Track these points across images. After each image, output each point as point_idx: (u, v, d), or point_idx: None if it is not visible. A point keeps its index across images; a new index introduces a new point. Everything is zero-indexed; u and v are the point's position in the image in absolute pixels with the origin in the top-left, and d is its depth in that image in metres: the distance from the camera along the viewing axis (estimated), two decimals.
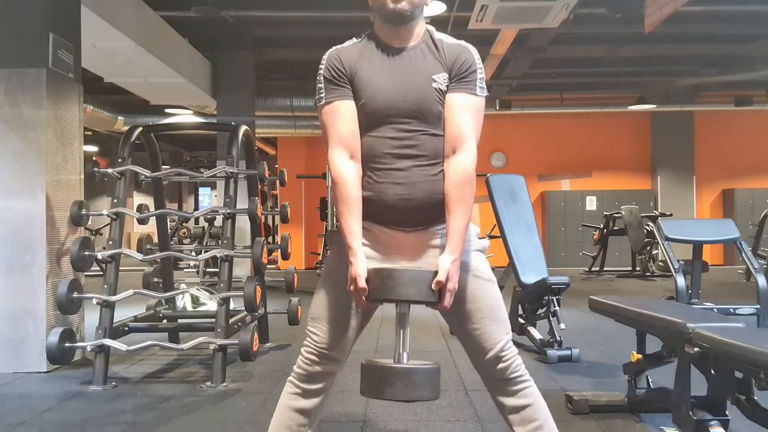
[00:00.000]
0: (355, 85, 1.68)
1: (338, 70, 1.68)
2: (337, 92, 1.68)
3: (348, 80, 1.68)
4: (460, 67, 1.68)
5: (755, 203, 11.50)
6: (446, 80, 1.68)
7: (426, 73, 1.68)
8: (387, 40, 1.72)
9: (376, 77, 1.68)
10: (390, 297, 1.54)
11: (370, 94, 1.67)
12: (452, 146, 1.66)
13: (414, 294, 1.54)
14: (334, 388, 1.81)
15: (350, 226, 1.63)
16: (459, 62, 1.68)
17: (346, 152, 1.66)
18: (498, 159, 12.18)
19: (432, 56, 1.70)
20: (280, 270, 10.58)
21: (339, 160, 1.66)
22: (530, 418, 1.69)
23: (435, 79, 1.67)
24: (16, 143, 3.94)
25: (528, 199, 4.47)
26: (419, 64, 1.69)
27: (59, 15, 4.17)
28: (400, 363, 1.53)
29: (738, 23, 7.45)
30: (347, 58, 1.70)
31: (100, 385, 3.52)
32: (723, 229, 4.68)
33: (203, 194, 19.73)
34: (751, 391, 2.09)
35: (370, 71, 1.68)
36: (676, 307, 3.26)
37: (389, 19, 1.68)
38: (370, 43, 1.73)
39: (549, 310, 4.03)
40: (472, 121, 1.68)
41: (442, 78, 1.67)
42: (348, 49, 1.73)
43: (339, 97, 1.68)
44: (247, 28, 7.84)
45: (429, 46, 1.71)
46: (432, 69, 1.68)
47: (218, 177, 4.25)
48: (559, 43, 7.91)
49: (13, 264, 3.90)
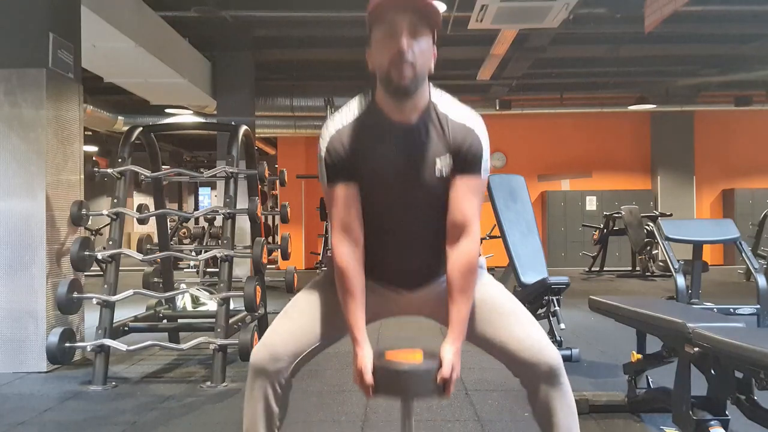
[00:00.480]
0: (357, 167, 1.63)
1: (340, 156, 1.62)
2: (340, 177, 1.63)
3: (350, 164, 1.63)
4: (466, 152, 1.61)
5: (755, 203, 11.50)
6: (450, 163, 1.63)
7: (430, 157, 1.62)
8: (389, 113, 1.62)
9: (379, 160, 1.63)
10: (395, 394, 1.57)
11: (372, 177, 1.64)
12: (456, 231, 1.64)
13: (419, 391, 1.57)
14: (334, 387, 1.81)
15: (355, 318, 1.62)
16: (465, 147, 1.61)
17: (348, 238, 1.64)
18: (498, 159, 12.19)
19: (436, 137, 1.62)
20: (280, 270, 10.57)
21: (341, 248, 1.64)
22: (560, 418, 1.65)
23: (439, 163, 1.62)
24: (16, 143, 3.94)
25: (528, 199, 4.47)
26: (423, 146, 1.62)
27: (59, 15, 4.17)
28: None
29: (738, 23, 7.45)
30: (348, 142, 1.62)
31: (100, 385, 3.52)
32: (723, 229, 4.68)
33: (203, 194, 19.72)
34: (751, 391, 2.09)
35: (372, 154, 1.63)
36: (676, 307, 3.26)
37: (392, 93, 1.58)
38: (371, 117, 1.64)
39: (549, 310, 4.03)
40: (476, 204, 1.66)
41: (446, 162, 1.62)
42: (348, 131, 1.63)
43: (341, 181, 1.63)
44: (247, 28, 7.84)
45: (434, 124, 1.62)
46: (436, 152, 1.62)
47: (218, 177, 4.26)
48: (559, 43, 7.91)
49: (13, 264, 3.90)
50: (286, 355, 1.66)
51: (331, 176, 1.64)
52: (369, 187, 1.65)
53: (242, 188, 4.48)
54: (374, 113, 1.64)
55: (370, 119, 1.64)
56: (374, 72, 1.61)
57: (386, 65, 1.54)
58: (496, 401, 3.17)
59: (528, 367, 1.63)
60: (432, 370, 1.55)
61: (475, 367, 3.72)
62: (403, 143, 1.62)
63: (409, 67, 1.52)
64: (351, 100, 1.69)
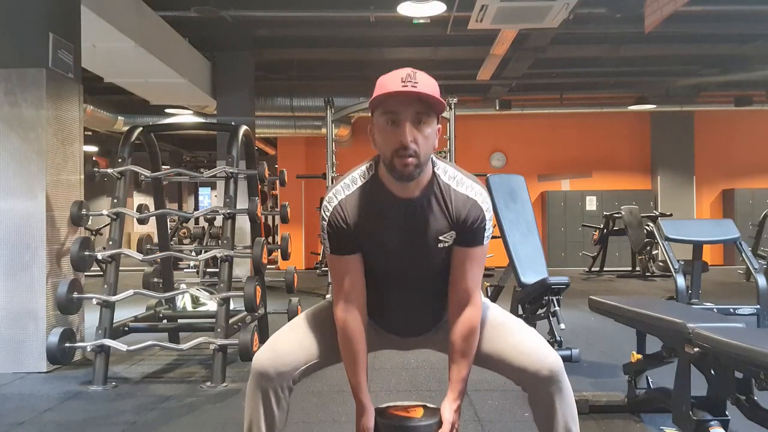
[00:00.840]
0: (360, 240, 1.65)
1: (343, 228, 1.63)
2: (343, 248, 1.65)
3: (353, 236, 1.64)
4: (470, 225, 1.63)
5: (755, 203, 11.50)
6: (453, 237, 1.64)
7: (433, 232, 1.63)
8: (392, 189, 1.62)
9: (382, 235, 1.64)
10: None
11: (375, 251, 1.66)
12: (459, 300, 1.67)
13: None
14: (334, 387, 1.82)
15: (358, 381, 1.68)
16: (469, 221, 1.63)
17: (352, 306, 1.66)
18: (498, 159, 12.19)
19: (440, 212, 1.63)
20: (280, 270, 10.58)
21: (344, 315, 1.67)
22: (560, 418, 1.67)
23: (442, 239, 1.64)
24: (16, 143, 3.94)
25: (528, 199, 4.46)
26: (426, 221, 1.63)
27: (59, 15, 4.17)
28: None
29: (738, 23, 7.45)
30: (351, 214, 1.63)
31: (100, 385, 3.52)
32: (723, 229, 4.68)
33: (203, 194, 19.70)
34: (751, 391, 2.09)
35: (375, 228, 1.63)
36: (676, 307, 3.26)
37: (396, 178, 1.58)
38: (375, 193, 1.63)
39: (549, 310, 4.03)
40: (478, 272, 1.69)
41: (449, 236, 1.64)
42: (351, 203, 1.63)
43: (344, 251, 1.65)
44: (247, 28, 7.84)
45: (437, 199, 1.63)
46: (439, 227, 1.63)
47: (218, 177, 4.26)
48: (559, 43, 7.90)
49: (13, 264, 3.90)
50: (291, 362, 1.69)
51: (333, 248, 1.66)
52: (371, 257, 1.68)
53: (242, 188, 4.48)
54: (377, 187, 1.64)
55: (373, 193, 1.64)
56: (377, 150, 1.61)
57: (389, 155, 1.54)
58: (496, 401, 3.17)
59: (529, 374, 1.64)
60: (432, 428, 1.61)
61: (475, 367, 3.71)
62: (405, 218, 1.63)
63: (413, 158, 1.52)
64: (355, 171, 1.68)
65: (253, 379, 1.68)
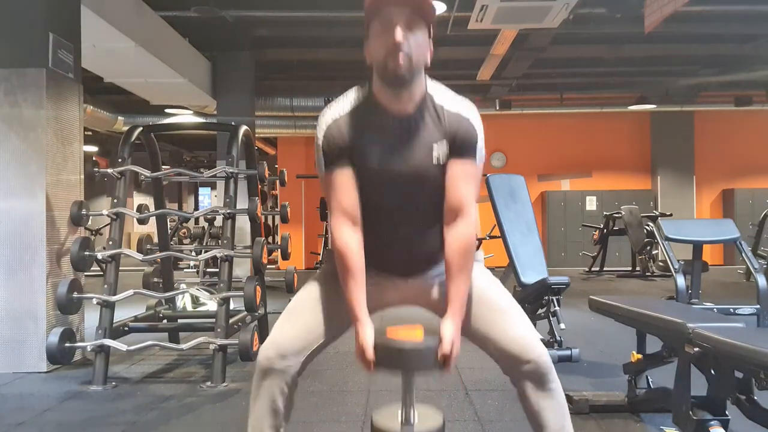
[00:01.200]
0: (354, 155, 1.66)
1: (337, 143, 1.66)
2: (337, 163, 1.67)
3: (347, 151, 1.66)
4: (462, 138, 1.66)
5: (755, 203, 11.50)
6: (446, 150, 1.66)
7: (426, 145, 1.65)
8: (386, 104, 1.66)
9: (376, 149, 1.66)
10: (396, 369, 1.60)
11: (370, 165, 1.66)
12: (453, 215, 1.67)
13: (420, 366, 1.60)
14: (334, 387, 1.81)
15: (356, 297, 1.65)
16: (461, 134, 1.66)
17: (348, 221, 1.67)
18: (498, 159, 12.19)
19: (433, 126, 1.66)
20: (280, 270, 10.58)
21: (341, 230, 1.66)
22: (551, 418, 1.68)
23: (435, 150, 1.66)
24: (16, 143, 3.94)
25: (528, 199, 4.46)
26: (419, 135, 1.66)
27: (59, 15, 4.17)
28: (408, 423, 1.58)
29: (738, 23, 7.45)
30: (346, 130, 1.66)
31: (100, 385, 3.52)
32: (723, 229, 4.68)
33: (203, 194, 19.70)
34: (751, 391, 2.09)
35: (369, 143, 1.66)
36: (676, 307, 3.26)
37: (389, 83, 1.63)
38: (369, 108, 1.68)
39: (549, 310, 4.03)
40: (472, 189, 1.69)
41: (442, 149, 1.66)
42: (346, 120, 1.67)
43: (339, 167, 1.67)
44: (247, 28, 7.84)
45: (430, 114, 1.67)
46: (432, 139, 1.66)
47: (218, 177, 4.25)
48: (559, 43, 7.90)
49: (13, 264, 3.90)
50: (294, 353, 1.67)
51: (328, 162, 1.67)
52: (366, 174, 1.67)
53: (242, 188, 4.48)
54: (371, 104, 1.68)
55: (367, 109, 1.68)
56: (371, 65, 1.66)
57: (383, 56, 1.59)
58: (496, 401, 3.17)
59: (514, 362, 1.66)
60: (432, 347, 1.58)
61: (475, 367, 3.71)
62: (400, 131, 1.66)
63: (405, 57, 1.57)
64: (347, 92, 1.74)
65: (257, 375, 1.68)
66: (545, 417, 1.67)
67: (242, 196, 4.29)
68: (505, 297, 1.78)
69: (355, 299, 1.64)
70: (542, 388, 1.66)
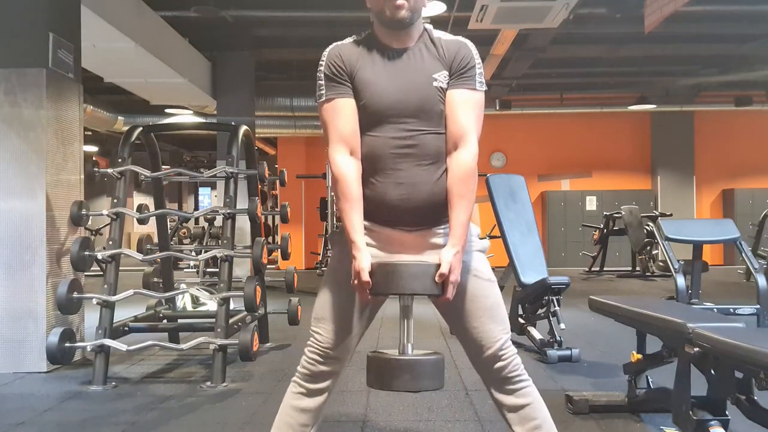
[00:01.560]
0: (355, 85, 1.68)
1: (339, 67, 1.69)
2: (338, 89, 1.69)
3: (348, 78, 1.69)
4: (459, 63, 1.69)
5: (755, 203, 11.50)
6: (446, 78, 1.68)
7: (426, 73, 1.68)
8: (386, 42, 1.72)
9: (377, 78, 1.68)
10: (394, 291, 1.57)
11: (370, 94, 1.67)
12: (454, 142, 1.68)
13: (417, 287, 1.57)
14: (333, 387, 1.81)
15: (353, 222, 1.64)
16: (458, 58, 1.69)
17: (346, 149, 1.67)
18: (498, 159, 12.18)
19: (431, 55, 1.70)
20: (280, 270, 10.58)
21: (339, 157, 1.66)
22: (528, 417, 1.69)
23: (435, 77, 1.68)
24: (16, 143, 3.94)
25: (528, 199, 4.47)
26: (419, 64, 1.69)
27: (59, 15, 4.17)
28: (405, 354, 1.57)
29: (738, 23, 7.45)
30: (348, 57, 1.70)
31: (100, 385, 3.52)
32: (723, 229, 4.68)
33: (203, 194, 19.71)
34: (751, 391, 2.09)
35: (370, 72, 1.69)
36: (676, 307, 3.26)
37: (388, 25, 1.69)
38: (370, 44, 1.73)
39: (549, 310, 4.03)
40: (473, 116, 1.69)
41: (442, 76, 1.68)
42: (348, 47, 1.73)
43: (340, 94, 1.69)
44: (247, 28, 7.84)
45: (428, 45, 1.71)
46: (432, 68, 1.68)
47: (218, 177, 4.25)
48: (559, 43, 7.91)
49: (13, 264, 3.90)
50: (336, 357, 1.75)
51: (329, 88, 1.70)
52: (368, 104, 1.68)
53: (242, 188, 4.48)
54: (373, 41, 1.73)
55: (369, 43, 1.73)
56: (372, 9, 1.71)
57: (382, 3, 1.65)
58: None
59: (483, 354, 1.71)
60: (430, 268, 1.58)
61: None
62: (400, 62, 1.70)
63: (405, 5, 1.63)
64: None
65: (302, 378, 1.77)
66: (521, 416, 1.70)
67: (242, 196, 4.29)
68: (498, 301, 1.78)
69: (351, 224, 1.64)
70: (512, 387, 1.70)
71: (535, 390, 1.73)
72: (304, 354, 1.77)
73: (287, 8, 6.79)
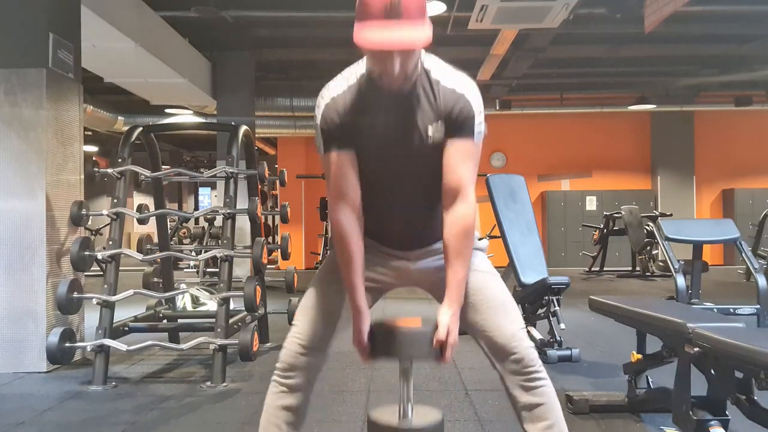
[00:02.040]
0: (351, 135, 1.65)
1: (335, 123, 1.64)
2: (335, 143, 1.65)
3: (345, 132, 1.64)
4: (457, 116, 1.62)
5: (755, 203, 11.50)
6: (442, 129, 1.63)
7: (422, 125, 1.63)
8: (382, 85, 1.63)
9: (373, 129, 1.64)
10: (393, 356, 1.57)
11: (367, 146, 1.66)
12: (452, 196, 1.64)
13: (416, 353, 1.57)
14: (334, 387, 1.81)
15: (353, 283, 1.64)
16: (456, 111, 1.61)
17: (345, 205, 1.65)
18: (498, 159, 12.19)
19: (428, 104, 1.63)
20: (280, 270, 10.57)
21: (339, 214, 1.65)
22: (541, 417, 1.67)
23: (431, 130, 1.63)
24: (16, 143, 3.94)
25: (528, 199, 4.47)
26: (415, 114, 1.63)
27: (59, 15, 4.17)
28: (406, 419, 1.56)
29: (738, 23, 7.45)
30: (343, 109, 1.64)
31: (100, 385, 3.52)
32: (723, 229, 4.68)
33: (203, 194, 19.70)
34: (751, 391, 2.09)
35: (366, 122, 1.64)
36: (676, 307, 3.26)
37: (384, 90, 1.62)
38: (365, 87, 1.65)
39: (549, 310, 4.03)
40: (471, 167, 1.65)
41: (437, 129, 1.63)
42: (343, 99, 1.65)
43: (337, 148, 1.65)
44: (247, 28, 7.84)
45: (426, 92, 1.63)
46: (428, 119, 1.63)
47: (218, 177, 4.26)
48: (559, 43, 7.90)
49: (13, 264, 3.90)
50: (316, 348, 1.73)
51: (326, 143, 1.66)
52: (364, 154, 1.67)
53: (242, 188, 4.48)
54: (368, 83, 1.65)
55: (364, 89, 1.66)
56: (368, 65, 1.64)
57: (377, 72, 1.58)
58: (496, 401, 3.17)
59: (501, 354, 1.69)
60: (428, 333, 1.57)
61: (476, 367, 3.72)
62: (395, 111, 1.64)
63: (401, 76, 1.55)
64: (346, 69, 1.71)
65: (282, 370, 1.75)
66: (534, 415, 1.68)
67: (242, 196, 4.29)
68: (504, 292, 1.77)
69: (352, 285, 1.64)
70: (527, 385, 1.68)
71: (552, 390, 1.70)
72: (284, 347, 1.76)
73: (287, 8, 6.78)
